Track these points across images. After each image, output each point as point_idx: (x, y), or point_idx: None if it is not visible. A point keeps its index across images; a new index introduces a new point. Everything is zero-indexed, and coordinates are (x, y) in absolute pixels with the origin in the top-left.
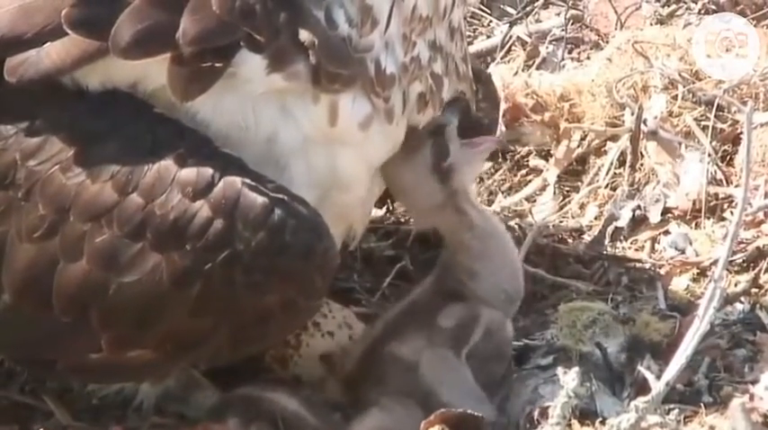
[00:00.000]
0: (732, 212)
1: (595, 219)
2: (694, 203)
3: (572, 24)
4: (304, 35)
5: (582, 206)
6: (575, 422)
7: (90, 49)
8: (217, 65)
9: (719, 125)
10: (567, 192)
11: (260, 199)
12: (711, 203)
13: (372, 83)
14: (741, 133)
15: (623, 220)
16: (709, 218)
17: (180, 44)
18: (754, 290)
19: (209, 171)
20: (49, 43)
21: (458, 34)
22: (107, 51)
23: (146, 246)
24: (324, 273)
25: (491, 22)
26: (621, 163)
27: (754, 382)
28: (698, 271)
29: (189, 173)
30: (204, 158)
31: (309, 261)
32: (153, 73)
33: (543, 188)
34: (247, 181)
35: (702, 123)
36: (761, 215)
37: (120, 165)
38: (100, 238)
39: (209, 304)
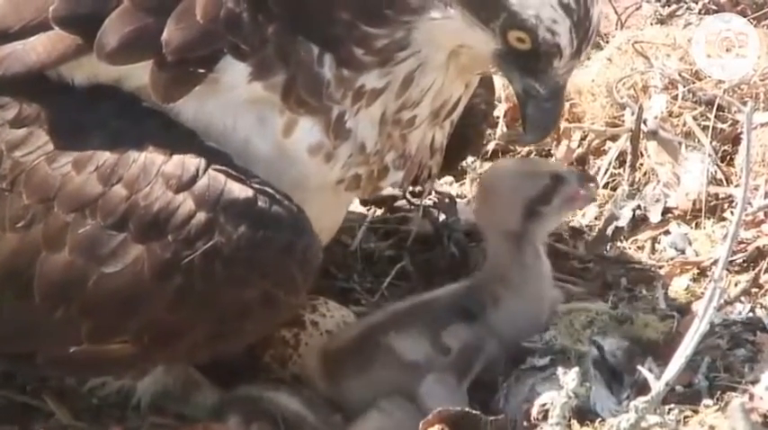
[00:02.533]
0: (732, 212)
1: (595, 219)
2: (694, 203)
3: None
4: (291, 52)
5: None
6: (574, 422)
7: (75, 45)
8: (199, 70)
9: (719, 125)
10: None
11: (243, 193)
12: (711, 203)
13: (329, 126)
14: (741, 133)
15: (623, 220)
16: (709, 218)
17: (163, 51)
18: (754, 290)
19: (193, 164)
20: (34, 37)
21: (438, 153)
22: (91, 49)
23: (128, 238)
24: (305, 268)
25: None
26: (621, 163)
27: (754, 382)
28: (698, 271)
29: (173, 165)
30: (189, 152)
31: (290, 256)
32: (136, 73)
33: None
34: (232, 175)
35: (702, 123)
36: (761, 215)
37: (105, 157)
38: (83, 229)
39: (189, 297)
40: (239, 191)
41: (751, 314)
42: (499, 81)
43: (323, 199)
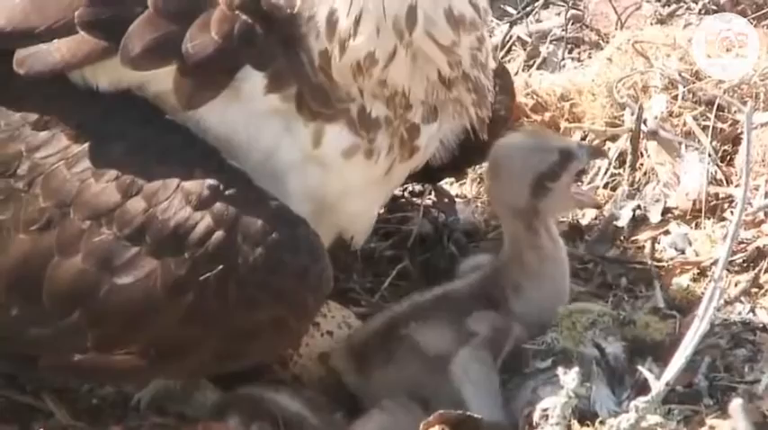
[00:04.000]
0: (732, 212)
1: (595, 219)
2: (694, 203)
3: (572, 24)
4: (298, 65)
5: None
6: (574, 422)
7: (100, 47)
8: (222, 76)
9: (720, 125)
10: None
11: (262, 215)
12: (711, 203)
13: (355, 124)
14: (741, 133)
15: (623, 220)
16: (709, 218)
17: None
18: (754, 290)
19: (214, 182)
20: (58, 38)
21: (479, 68)
22: (116, 52)
23: (143, 251)
24: (317, 294)
25: (491, 22)
26: (621, 163)
27: (754, 382)
28: (698, 271)
29: (194, 182)
30: (210, 169)
31: (304, 281)
32: (160, 78)
33: None
34: (251, 196)
35: (702, 123)
36: (761, 215)
37: (125, 167)
38: (98, 238)
39: (200, 315)
40: (258, 213)
41: (751, 314)
42: None
43: (363, 197)
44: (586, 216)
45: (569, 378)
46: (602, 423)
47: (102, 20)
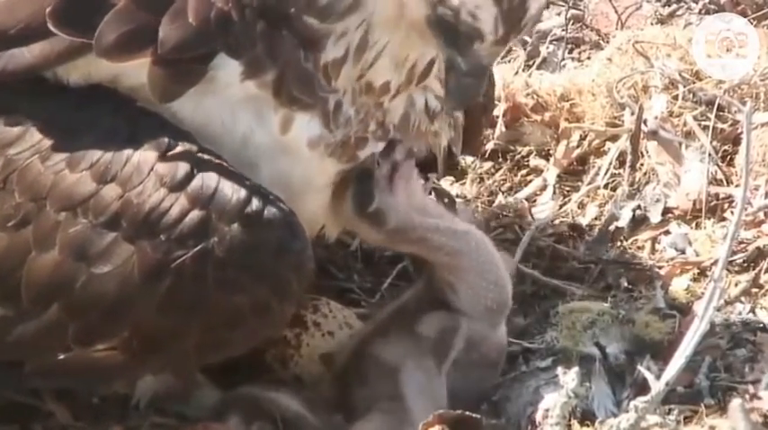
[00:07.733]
0: (732, 212)
1: (595, 219)
2: (694, 203)
3: (572, 24)
4: (279, 50)
5: (582, 206)
6: (574, 422)
7: (72, 46)
8: (196, 67)
9: (720, 125)
10: (567, 192)
11: (236, 193)
12: (711, 203)
13: (328, 117)
14: (741, 133)
15: (623, 220)
16: (709, 218)
17: (159, 51)
18: (754, 290)
19: (187, 164)
20: (30, 38)
21: (440, 119)
22: (90, 49)
23: (119, 237)
24: (299, 272)
25: None
26: (621, 163)
27: (754, 382)
28: (698, 271)
29: (167, 165)
30: (183, 152)
31: (284, 258)
32: (134, 72)
33: (543, 188)
34: (225, 176)
35: (703, 123)
36: (761, 215)
37: (98, 155)
38: (74, 228)
39: (179, 300)
40: (233, 191)
41: (751, 314)
42: (499, 82)
43: (314, 196)
44: (587, 216)
45: (569, 378)
46: (601, 423)
47: (75, 15)
